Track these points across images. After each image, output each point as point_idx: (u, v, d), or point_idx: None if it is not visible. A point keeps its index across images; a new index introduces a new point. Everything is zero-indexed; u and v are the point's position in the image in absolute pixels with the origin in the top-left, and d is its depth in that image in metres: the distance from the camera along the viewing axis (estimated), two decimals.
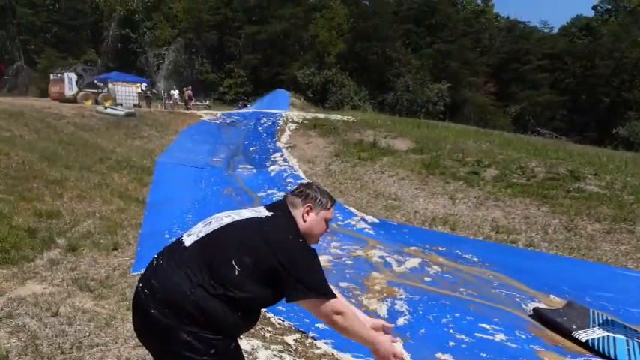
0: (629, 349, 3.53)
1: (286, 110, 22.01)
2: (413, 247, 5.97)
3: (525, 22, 51.76)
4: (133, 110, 15.87)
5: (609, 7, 57.89)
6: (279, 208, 1.76)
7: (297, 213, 1.76)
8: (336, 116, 19.31)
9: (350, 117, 19.16)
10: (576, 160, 11.25)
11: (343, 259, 5.47)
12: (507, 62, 47.79)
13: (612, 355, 3.47)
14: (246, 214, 1.72)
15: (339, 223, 7.07)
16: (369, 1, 43.98)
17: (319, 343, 3.29)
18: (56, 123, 11.33)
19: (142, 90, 27.00)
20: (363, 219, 7.36)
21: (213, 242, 1.60)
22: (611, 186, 8.76)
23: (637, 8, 50.14)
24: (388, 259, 5.49)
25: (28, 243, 4.84)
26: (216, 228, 1.64)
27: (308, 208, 1.77)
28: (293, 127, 16.54)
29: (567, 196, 8.27)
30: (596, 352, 3.56)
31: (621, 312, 4.47)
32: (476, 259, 5.65)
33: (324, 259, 5.42)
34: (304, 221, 1.76)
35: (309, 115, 18.92)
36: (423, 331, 3.69)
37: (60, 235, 5.28)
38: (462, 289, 4.65)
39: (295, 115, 18.90)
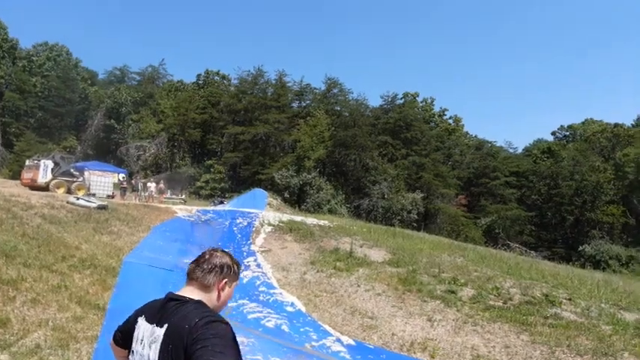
0: None
1: (262, 210, 21.97)
2: None
3: (492, 142, 55.52)
4: (105, 203, 15.51)
5: (567, 133, 63.26)
6: (172, 312, 1.54)
7: (210, 295, 1.62)
8: (312, 220, 19.32)
9: (326, 221, 19.20)
10: (550, 282, 11.27)
11: None
12: (477, 177, 50.34)
13: None
14: (150, 354, 1.52)
15: (314, 343, 6.64)
16: (349, 113, 46.74)
17: None
18: (23, 213, 10.87)
19: (118, 180, 26.80)
20: (338, 339, 6.95)
21: None
22: (587, 313, 8.67)
23: (591, 137, 54.82)
24: None
25: None
26: None
27: (224, 283, 1.65)
28: (269, 229, 16.37)
29: (545, 323, 8.10)
30: None
31: None
32: None
33: None
34: (219, 298, 1.63)
35: (285, 217, 18.87)
36: None
37: (4, 348, 4.74)
38: None
39: (272, 216, 18.82)
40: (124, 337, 1.76)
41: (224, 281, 1.65)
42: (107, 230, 12.38)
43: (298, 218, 19.37)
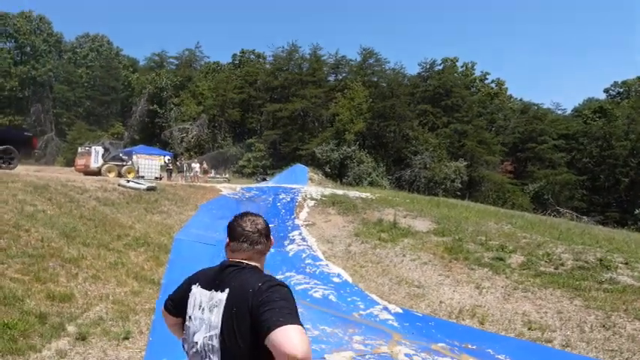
0: None
1: (304, 185, 22.16)
2: (440, 344, 5.57)
3: (538, 104, 52.99)
4: (154, 184, 16.11)
5: (621, 90, 59.32)
6: (232, 278, 1.60)
7: (262, 258, 1.72)
8: (354, 193, 19.30)
9: (368, 194, 19.13)
10: (604, 247, 10.78)
11: (367, 356, 5.10)
12: (523, 142, 48.41)
13: None
14: (212, 318, 1.58)
15: (361, 312, 6.72)
16: (387, 83, 45.81)
17: None
18: (79, 197, 11.47)
19: (164, 162, 27.78)
20: (385, 308, 7.00)
21: None
22: None
23: None
24: (415, 357, 5.09)
25: (37, 330, 4.65)
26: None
27: (271, 243, 1.75)
28: (312, 203, 16.50)
29: (600, 288, 7.80)
30: None
31: None
32: None
33: (345, 356, 5.06)
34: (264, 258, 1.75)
35: (328, 191, 18.95)
36: None
37: (71, 320, 5.09)
38: None
39: (314, 190, 18.96)
40: (175, 305, 1.85)
41: (271, 240, 1.74)
42: (157, 210, 12.88)
43: (340, 192, 19.41)
